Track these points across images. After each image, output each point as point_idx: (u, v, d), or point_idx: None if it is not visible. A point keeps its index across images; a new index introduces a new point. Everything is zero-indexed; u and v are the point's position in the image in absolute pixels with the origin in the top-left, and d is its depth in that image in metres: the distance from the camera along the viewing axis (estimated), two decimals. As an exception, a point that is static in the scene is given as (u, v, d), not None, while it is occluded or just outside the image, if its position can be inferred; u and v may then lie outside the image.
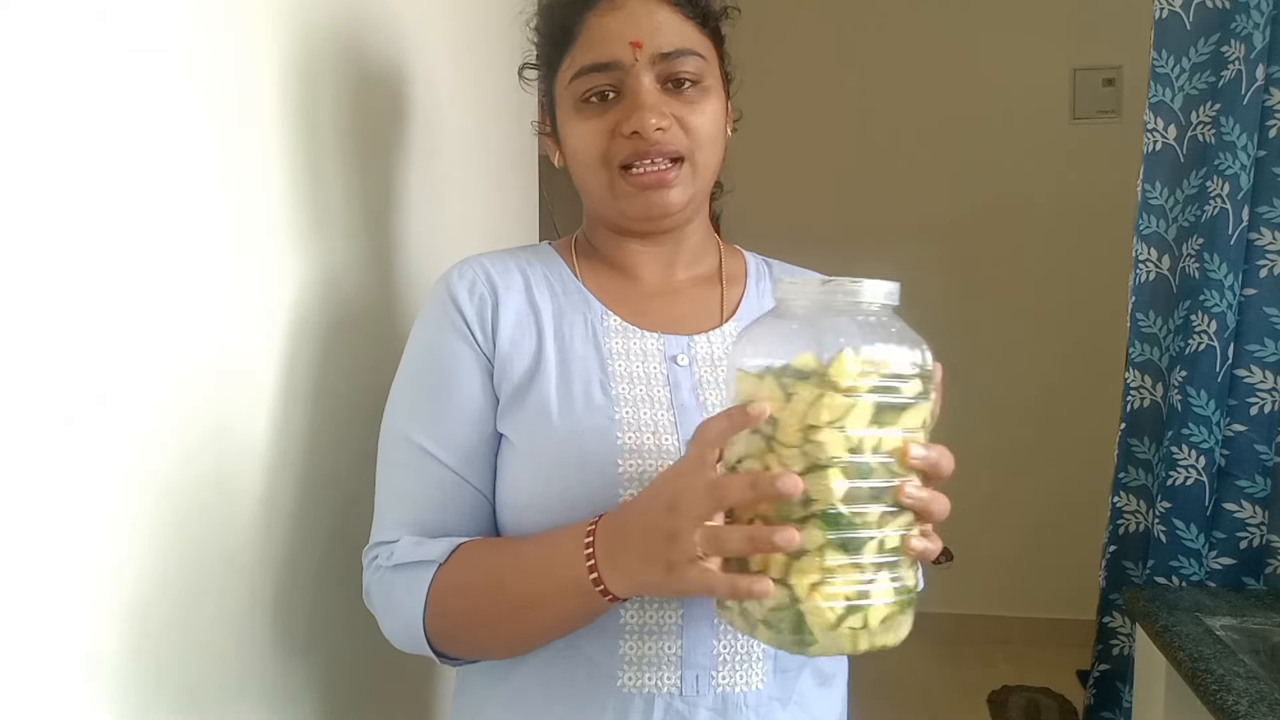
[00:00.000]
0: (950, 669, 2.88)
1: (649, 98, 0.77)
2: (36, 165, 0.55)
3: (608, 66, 0.78)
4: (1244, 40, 1.41)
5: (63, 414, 0.58)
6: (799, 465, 0.58)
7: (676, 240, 0.87)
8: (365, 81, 1.00)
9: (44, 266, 0.56)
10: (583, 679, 0.76)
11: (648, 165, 0.79)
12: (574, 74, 0.79)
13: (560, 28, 0.81)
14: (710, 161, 0.82)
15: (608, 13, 0.78)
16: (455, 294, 0.82)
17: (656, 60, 0.78)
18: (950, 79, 3.23)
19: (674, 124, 0.78)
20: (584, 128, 0.80)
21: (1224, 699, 1.09)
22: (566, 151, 0.84)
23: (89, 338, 0.60)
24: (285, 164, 0.84)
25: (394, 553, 0.77)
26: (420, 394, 0.81)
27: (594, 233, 0.90)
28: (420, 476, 0.79)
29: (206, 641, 0.75)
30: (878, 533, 0.59)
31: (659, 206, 0.80)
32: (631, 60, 0.77)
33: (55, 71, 0.57)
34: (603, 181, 0.81)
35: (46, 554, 0.57)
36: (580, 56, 0.79)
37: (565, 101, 0.82)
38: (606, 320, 0.84)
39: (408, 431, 0.80)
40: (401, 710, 1.12)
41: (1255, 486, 1.46)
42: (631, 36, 0.77)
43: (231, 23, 0.75)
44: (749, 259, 0.93)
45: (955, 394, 3.17)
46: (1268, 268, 1.44)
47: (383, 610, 0.78)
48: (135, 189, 0.64)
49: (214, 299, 0.74)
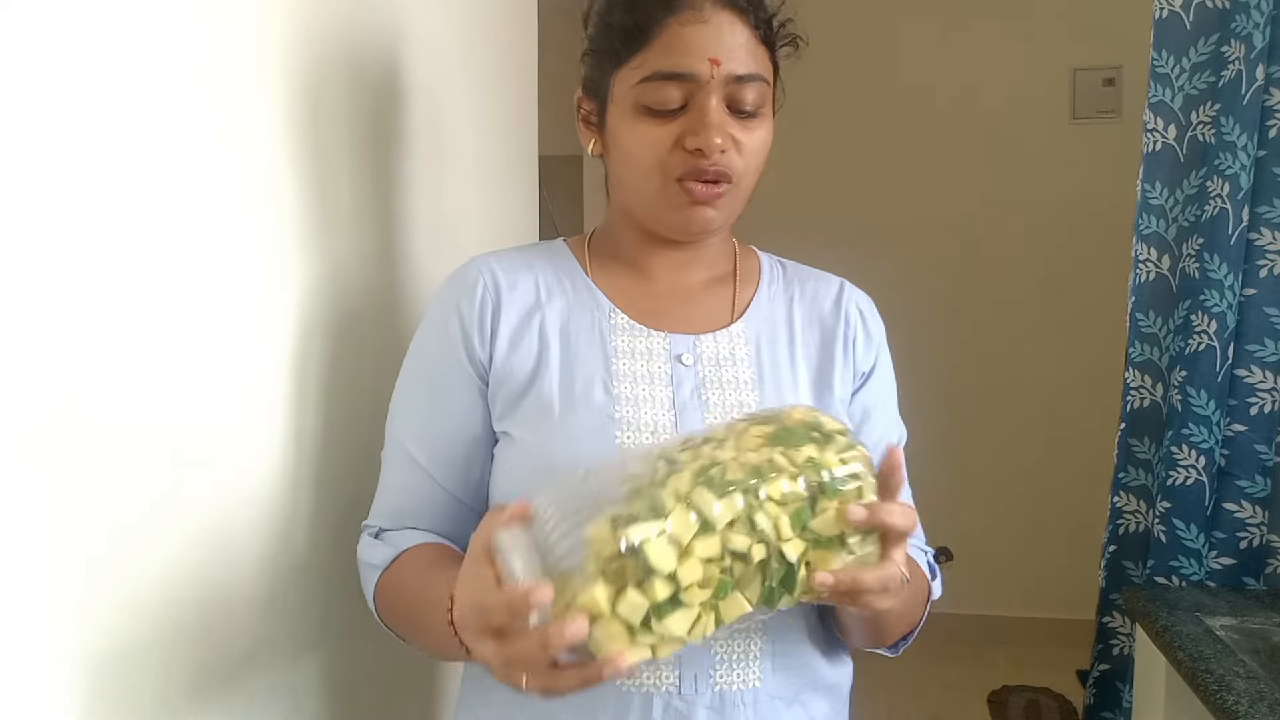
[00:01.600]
0: (950, 669, 2.88)
1: (717, 117, 0.77)
2: (42, 168, 0.55)
3: (682, 77, 0.77)
4: (1244, 40, 1.41)
5: (70, 416, 0.58)
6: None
7: (698, 246, 0.87)
8: (370, 84, 1.00)
9: (52, 269, 0.56)
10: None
11: (702, 183, 0.78)
12: (645, 76, 0.78)
13: (639, 25, 0.79)
14: (752, 184, 0.83)
15: (692, 23, 0.77)
16: (458, 296, 0.84)
17: (729, 81, 0.77)
18: (950, 79, 3.23)
19: (732, 146, 0.78)
20: (646, 133, 0.79)
21: (1224, 699, 1.09)
22: (616, 149, 0.83)
23: (98, 340, 0.60)
24: (292, 166, 0.84)
25: (360, 542, 0.85)
26: (412, 400, 0.85)
27: (616, 229, 0.89)
28: (402, 475, 0.84)
29: (215, 641, 0.75)
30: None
31: (699, 224, 0.81)
32: (709, 77, 0.77)
33: (61, 73, 0.57)
34: (653, 188, 0.80)
35: (53, 555, 0.57)
36: (656, 60, 0.78)
37: (625, 100, 0.80)
38: (614, 318, 0.84)
39: (399, 433, 0.85)
40: (408, 707, 1.12)
41: (1255, 486, 1.46)
42: (713, 53, 0.76)
43: (238, 25, 0.76)
44: (763, 259, 0.93)
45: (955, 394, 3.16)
46: (1268, 268, 1.44)
47: (360, 576, 0.85)
48: (144, 192, 0.64)
49: (221, 300, 0.74)
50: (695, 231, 0.82)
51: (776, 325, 0.87)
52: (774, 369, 0.84)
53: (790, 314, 0.88)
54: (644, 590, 0.56)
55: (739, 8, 0.78)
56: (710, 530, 0.57)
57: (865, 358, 0.88)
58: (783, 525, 0.59)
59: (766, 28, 0.80)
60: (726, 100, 0.78)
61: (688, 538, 0.57)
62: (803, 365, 0.86)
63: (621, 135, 0.81)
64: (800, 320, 0.88)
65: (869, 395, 0.88)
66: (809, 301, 0.89)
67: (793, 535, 0.60)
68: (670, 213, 0.81)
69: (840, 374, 0.86)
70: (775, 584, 0.60)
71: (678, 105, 0.78)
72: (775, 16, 0.82)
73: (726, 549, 0.58)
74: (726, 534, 0.58)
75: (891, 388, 0.91)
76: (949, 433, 2.92)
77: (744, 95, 0.78)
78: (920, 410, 0.92)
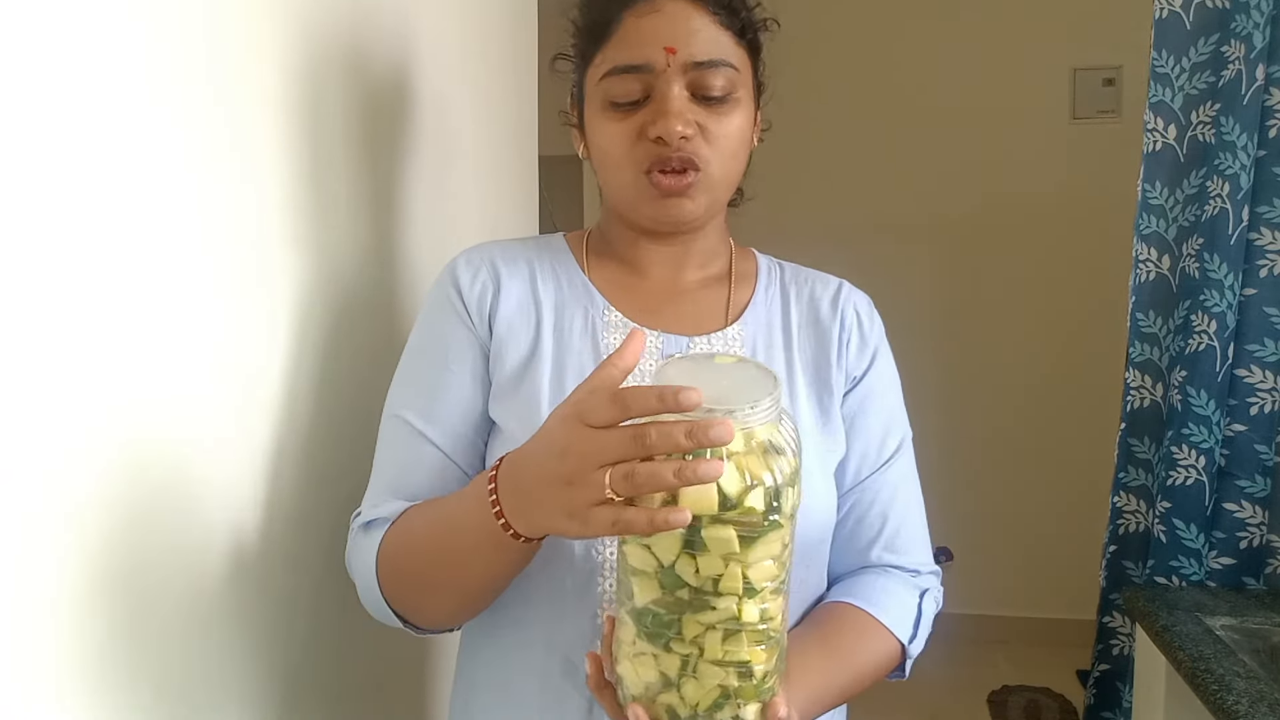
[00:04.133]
0: (950, 669, 2.87)
1: (676, 104, 0.77)
2: (38, 164, 0.55)
3: (639, 69, 0.77)
4: (1244, 40, 1.41)
5: (64, 414, 0.58)
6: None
7: (689, 241, 0.87)
8: (371, 84, 1.00)
9: (49, 265, 0.56)
10: (559, 678, 0.77)
11: (669, 172, 0.78)
12: (605, 72, 0.79)
13: (597, 23, 0.80)
14: (730, 173, 0.82)
15: (646, 14, 0.77)
16: (458, 278, 0.84)
17: (689, 68, 0.77)
18: (950, 79, 3.22)
19: (698, 132, 0.78)
20: (611, 128, 0.80)
21: (1224, 699, 1.09)
22: (592, 148, 0.84)
23: (92, 337, 0.60)
24: (289, 161, 0.84)
25: (364, 511, 0.79)
26: (415, 375, 0.83)
27: (610, 227, 0.89)
28: (407, 452, 0.81)
29: (207, 640, 0.75)
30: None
31: (674, 214, 0.81)
32: (664, 65, 0.77)
33: (61, 73, 0.57)
34: (626, 182, 0.81)
35: (49, 554, 0.57)
36: (613, 55, 0.78)
37: (595, 98, 0.81)
38: (608, 315, 0.84)
39: (399, 410, 0.82)
40: (400, 708, 1.12)
41: (1255, 486, 1.46)
42: (666, 41, 0.76)
43: (240, 19, 0.76)
44: (761, 261, 0.93)
45: (955, 394, 3.16)
46: (1268, 268, 1.44)
47: (353, 573, 0.79)
48: (144, 188, 0.64)
49: (217, 295, 0.74)
50: (672, 222, 0.82)
51: (773, 330, 0.87)
52: None
53: (786, 317, 0.88)
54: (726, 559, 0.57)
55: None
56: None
57: (857, 362, 0.88)
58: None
59: (728, 13, 0.79)
60: (690, 87, 0.78)
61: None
62: (799, 369, 0.85)
63: (594, 133, 0.82)
64: (796, 323, 0.88)
65: (859, 398, 0.87)
66: (806, 303, 0.89)
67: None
68: (645, 205, 0.81)
69: (835, 376, 0.86)
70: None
71: (640, 97, 0.78)
72: (735, 2, 0.80)
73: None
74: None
75: (892, 387, 0.90)
76: (949, 433, 2.92)
77: (708, 81, 0.78)
78: (919, 410, 0.92)
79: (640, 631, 0.61)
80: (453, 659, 0.90)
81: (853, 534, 0.87)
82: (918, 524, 0.89)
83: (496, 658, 0.81)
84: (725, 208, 0.89)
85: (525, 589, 0.77)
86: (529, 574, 0.75)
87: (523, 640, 0.79)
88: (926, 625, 0.85)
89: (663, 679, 0.61)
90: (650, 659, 0.61)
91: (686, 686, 0.60)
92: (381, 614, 0.78)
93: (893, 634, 0.82)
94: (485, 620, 0.81)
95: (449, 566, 0.71)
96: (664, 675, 0.61)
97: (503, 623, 0.80)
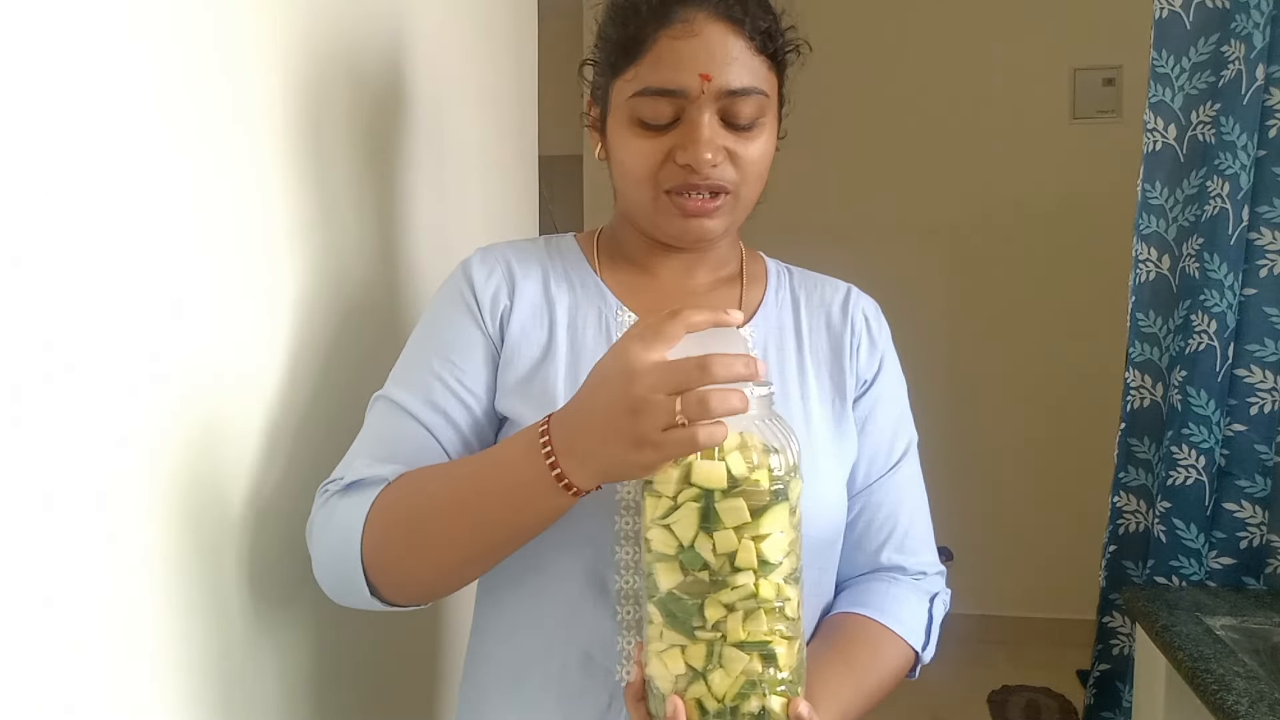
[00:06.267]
0: (950, 669, 2.87)
1: (707, 132, 0.76)
2: (42, 163, 0.55)
3: (673, 93, 0.76)
4: (1244, 40, 1.41)
5: (69, 414, 0.58)
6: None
7: (704, 249, 0.87)
8: (371, 84, 1.00)
9: (49, 265, 0.56)
10: (577, 672, 0.77)
11: (694, 195, 0.78)
12: (636, 90, 0.77)
13: (631, 38, 0.78)
14: (754, 193, 0.82)
15: (682, 36, 0.75)
16: (473, 276, 0.84)
17: (722, 95, 0.76)
18: (950, 79, 3.23)
19: (726, 158, 0.77)
20: (637, 145, 0.79)
21: (1224, 699, 1.09)
22: (614, 159, 0.83)
23: (92, 337, 0.60)
24: (292, 162, 0.84)
25: (346, 476, 0.76)
26: (416, 363, 0.82)
27: (622, 231, 0.89)
28: (397, 427, 0.79)
29: (212, 640, 0.75)
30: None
31: (695, 233, 0.81)
32: (698, 92, 0.75)
33: (61, 72, 0.57)
34: (646, 198, 0.80)
35: (52, 554, 0.57)
36: (646, 75, 0.77)
37: (621, 111, 0.80)
38: (621, 316, 0.84)
39: (394, 394, 0.80)
40: (406, 706, 1.12)
41: (1255, 486, 1.46)
42: (703, 68, 0.75)
43: (241, 24, 0.76)
44: (770, 265, 0.93)
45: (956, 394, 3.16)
46: (1268, 267, 1.44)
47: (319, 537, 0.76)
48: (147, 189, 0.64)
49: (220, 296, 0.74)
50: (693, 240, 0.83)
51: (784, 331, 0.87)
52: (781, 375, 0.84)
53: (797, 320, 0.88)
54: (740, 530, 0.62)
55: (733, 19, 0.76)
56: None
57: (868, 365, 0.88)
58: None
59: (764, 38, 0.78)
60: (721, 114, 0.77)
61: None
62: (812, 371, 0.86)
63: (617, 146, 0.81)
64: (808, 326, 0.88)
65: (870, 402, 0.88)
66: (817, 307, 0.90)
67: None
68: (665, 221, 0.81)
69: (847, 380, 0.87)
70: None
71: (669, 120, 0.77)
72: (773, 26, 0.79)
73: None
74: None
75: (899, 391, 0.91)
76: (949, 433, 2.92)
77: (739, 109, 0.77)
78: (920, 410, 0.92)
79: (666, 622, 0.64)
80: (462, 652, 0.90)
81: (862, 536, 0.87)
82: (925, 525, 0.90)
83: (509, 653, 0.81)
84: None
85: (542, 586, 0.78)
86: (545, 570, 0.75)
87: (539, 636, 0.79)
88: (937, 630, 0.87)
89: (690, 671, 0.64)
90: (677, 651, 0.64)
91: (713, 676, 0.63)
92: (347, 583, 0.74)
93: (908, 643, 0.83)
94: (496, 616, 0.81)
95: (465, 526, 0.70)
96: (691, 667, 0.64)
97: (520, 619, 0.80)
